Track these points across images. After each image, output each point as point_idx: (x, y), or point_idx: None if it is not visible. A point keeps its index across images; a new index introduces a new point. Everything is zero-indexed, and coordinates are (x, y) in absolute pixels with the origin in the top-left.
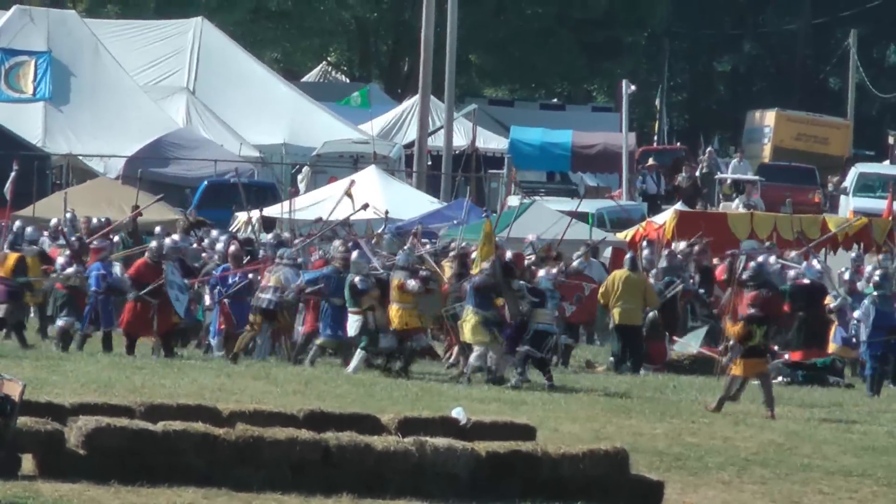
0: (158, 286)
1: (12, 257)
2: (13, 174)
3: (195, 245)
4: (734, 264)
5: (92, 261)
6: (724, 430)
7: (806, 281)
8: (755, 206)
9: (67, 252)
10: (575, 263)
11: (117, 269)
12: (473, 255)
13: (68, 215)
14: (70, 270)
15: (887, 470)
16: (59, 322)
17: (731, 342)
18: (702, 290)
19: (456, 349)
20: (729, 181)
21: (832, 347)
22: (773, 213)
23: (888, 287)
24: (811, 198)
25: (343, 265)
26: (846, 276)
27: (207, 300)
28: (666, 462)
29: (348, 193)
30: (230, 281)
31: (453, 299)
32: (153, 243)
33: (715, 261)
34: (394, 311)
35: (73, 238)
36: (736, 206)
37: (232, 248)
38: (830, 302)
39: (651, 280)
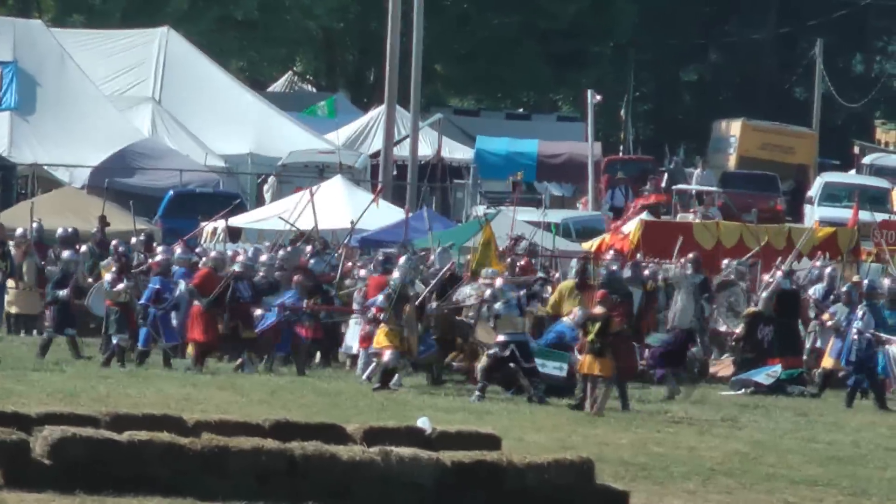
0: (221, 296)
1: None
2: None
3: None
4: (585, 268)
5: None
6: (690, 439)
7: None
8: (713, 218)
9: (114, 268)
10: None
11: (182, 285)
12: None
13: (35, 225)
14: (120, 286)
15: (852, 480)
16: (115, 340)
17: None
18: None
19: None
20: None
21: (829, 361)
22: (739, 222)
23: (877, 298)
24: (773, 205)
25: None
26: (843, 287)
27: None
28: (631, 472)
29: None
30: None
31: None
32: (213, 253)
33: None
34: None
35: (120, 253)
36: (693, 219)
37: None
38: (829, 319)
39: None
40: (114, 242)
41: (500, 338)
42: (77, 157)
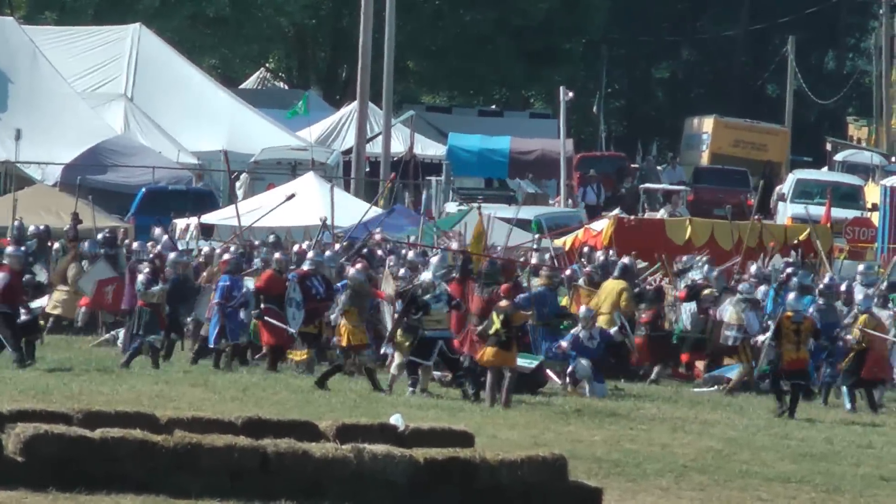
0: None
1: None
2: None
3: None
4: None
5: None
6: (663, 436)
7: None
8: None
9: (147, 269)
10: None
11: (249, 282)
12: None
13: (16, 223)
14: (155, 288)
15: (826, 476)
16: (150, 339)
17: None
18: None
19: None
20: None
21: None
22: (710, 219)
23: (832, 296)
24: (743, 200)
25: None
26: (843, 286)
27: None
28: (604, 468)
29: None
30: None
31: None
32: (277, 255)
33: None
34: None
35: (153, 255)
36: (661, 216)
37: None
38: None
39: None
40: (149, 244)
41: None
42: (49, 155)
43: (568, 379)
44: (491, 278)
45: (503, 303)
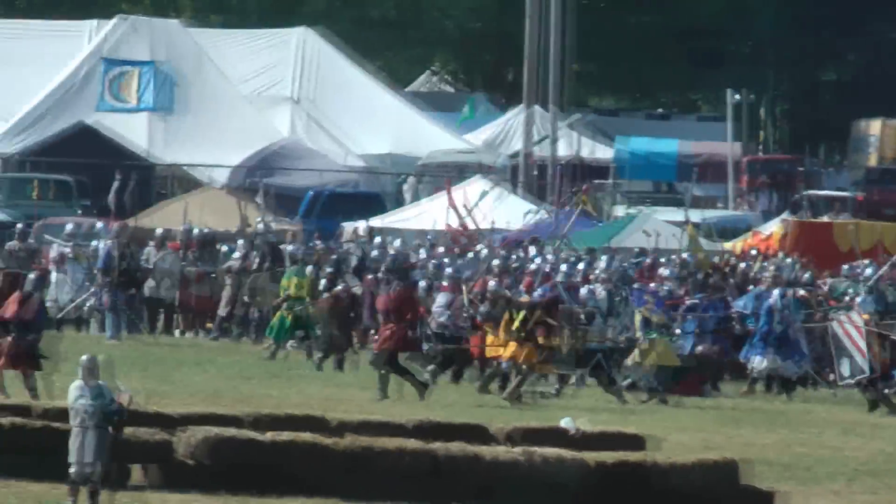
0: None
1: None
2: (117, 184)
3: None
4: None
5: None
6: (834, 439)
7: None
8: None
9: (328, 271)
10: None
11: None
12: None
13: (185, 226)
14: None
15: None
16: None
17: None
18: None
19: None
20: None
21: None
22: (881, 220)
23: None
24: None
25: None
26: None
27: None
28: (775, 472)
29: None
30: None
31: None
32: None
33: None
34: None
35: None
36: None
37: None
38: None
39: None
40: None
41: None
42: (215, 157)
43: None
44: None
45: (524, 298)
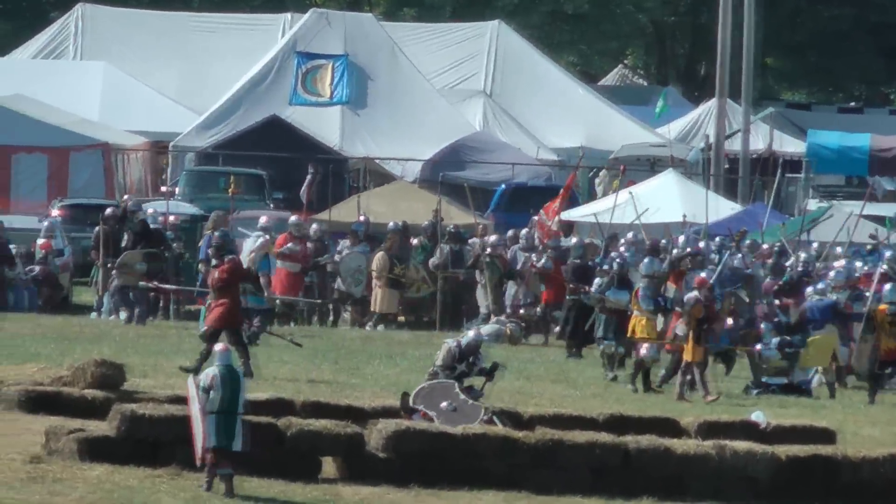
0: None
1: None
2: (309, 178)
3: None
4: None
5: None
6: None
7: None
8: None
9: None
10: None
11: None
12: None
13: (361, 218)
14: None
15: None
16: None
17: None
18: None
19: None
20: None
21: None
22: None
23: None
24: None
25: None
26: None
27: None
28: None
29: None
30: None
31: None
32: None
33: None
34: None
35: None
36: None
37: None
38: None
39: None
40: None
41: None
42: (408, 151)
43: None
44: None
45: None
